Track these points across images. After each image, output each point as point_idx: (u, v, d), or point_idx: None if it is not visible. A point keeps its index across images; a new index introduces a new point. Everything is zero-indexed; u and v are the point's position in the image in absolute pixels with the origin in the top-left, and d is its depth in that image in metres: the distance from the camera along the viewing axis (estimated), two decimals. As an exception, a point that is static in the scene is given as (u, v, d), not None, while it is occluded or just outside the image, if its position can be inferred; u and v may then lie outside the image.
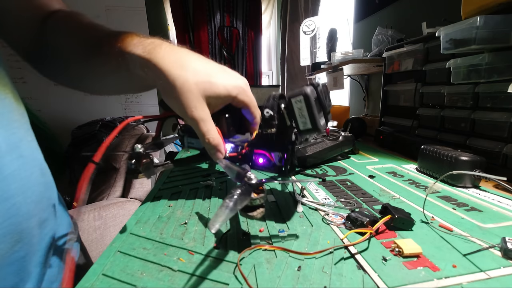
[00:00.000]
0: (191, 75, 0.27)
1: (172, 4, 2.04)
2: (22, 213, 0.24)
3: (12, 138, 0.24)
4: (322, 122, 0.30)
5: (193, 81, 0.27)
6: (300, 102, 0.30)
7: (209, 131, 0.28)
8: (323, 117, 0.31)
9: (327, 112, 0.32)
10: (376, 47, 1.04)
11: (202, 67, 0.29)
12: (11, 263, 0.23)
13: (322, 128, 0.30)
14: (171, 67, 0.27)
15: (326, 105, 0.31)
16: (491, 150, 0.49)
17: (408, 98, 0.76)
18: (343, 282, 0.22)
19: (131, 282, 0.22)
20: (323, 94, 0.30)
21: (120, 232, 0.31)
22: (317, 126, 0.29)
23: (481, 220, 0.31)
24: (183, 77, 0.27)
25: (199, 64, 0.29)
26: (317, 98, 0.30)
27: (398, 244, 0.25)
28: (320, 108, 0.31)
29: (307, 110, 0.29)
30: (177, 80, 0.27)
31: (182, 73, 0.27)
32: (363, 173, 0.50)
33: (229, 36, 2.20)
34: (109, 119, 1.80)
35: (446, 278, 0.22)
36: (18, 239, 0.23)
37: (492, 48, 0.47)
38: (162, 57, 0.27)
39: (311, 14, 1.80)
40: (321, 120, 0.30)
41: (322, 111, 0.31)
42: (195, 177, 0.48)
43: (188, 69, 0.28)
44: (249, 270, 0.23)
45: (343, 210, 0.35)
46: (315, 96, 0.30)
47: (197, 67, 0.28)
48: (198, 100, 0.28)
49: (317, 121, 0.29)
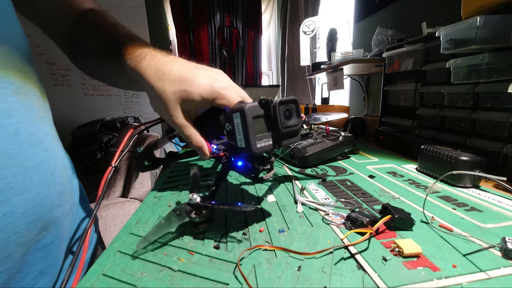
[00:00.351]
0: (168, 86, 0.30)
1: (172, 4, 2.04)
2: (45, 203, 0.26)
3: (38, 133, 0.26)
4: (260, 145, 0.27)
5: (170, 92, 0.30)
6: (238, 119, 0.28)
7: (191, 135, 0.31)
8: (266, 139, 0.28)
9: (283, 133, 0.28)
10: (376, 47, 1.04)
11: (178, 75, 0.31)
12: (38, 249, 0.25)
13: (256, 151, 0.27)
14: (152, 79, 0.30)
15: (280, 125, 0.28)
16: (491, 150, 0.49)
17: (408, 98, 0.76)
18: (343, 282, 0.22)
19: (131, 282, 0.22)
20: (279, 112, 0.28)
21: (120, 232, 0.31)
22: (250, 147, 0.27)
23: (481, 220, 0.31)
24: (162, 88, 0.30)
25: (175, 73, 0.31)
26: (264, 116, 0.28)
27: (398, 244, 0.25)
28: (266, 128, 0.28)
29: (242, 127, 0.27)
30: (157, 91, 0.30)
31: (159, 84, 0.30)
32: (363, 173, 0.50)
33: (229, 36, 2.20)
34: (109, 119, 1.80)
35: (446, 278, 0.22)
36: (43, 227, 0.25)
37: (492, 48, 0.47)
38: (144, 70, 0.31)
39: (311, 14, 1.80)
40: (260, 142, 0.27)
41: (270, 131, 0.28)
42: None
43: (165, 81, 0.30)
44: (249, 270, 0.23)
45: (343, 210, 0.35)
46: (259, 114, 0.27)
47: (174, 77, 0.31)
48: (176, 109, 0.31)
49: (250, 141, 0.27)
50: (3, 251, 0.22)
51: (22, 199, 0.23)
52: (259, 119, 0.28)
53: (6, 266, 0.22)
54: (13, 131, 0.23)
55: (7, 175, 0.22)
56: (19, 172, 0.23)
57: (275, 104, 0.27)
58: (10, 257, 0.23)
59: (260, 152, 0.28)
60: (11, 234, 0.22)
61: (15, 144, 0.23)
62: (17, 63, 0.26)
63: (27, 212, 0.24)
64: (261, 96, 0.28)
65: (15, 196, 0.23)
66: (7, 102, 0.23)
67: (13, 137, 0.23)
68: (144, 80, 0.31)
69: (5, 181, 0.22)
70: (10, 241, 0.22)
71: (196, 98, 0.30)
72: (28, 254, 0.24)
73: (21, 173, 0.23)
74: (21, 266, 0.24)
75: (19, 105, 0.25)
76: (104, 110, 2.06)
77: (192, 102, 0.31)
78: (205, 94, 0.31)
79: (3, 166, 0.22)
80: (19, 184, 0.23)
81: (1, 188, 0.22)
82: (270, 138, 0.29)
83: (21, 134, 0.24)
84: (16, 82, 0.25)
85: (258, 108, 0.28)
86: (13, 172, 0.23)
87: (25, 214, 0.23)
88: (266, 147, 0.28)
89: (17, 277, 0.24)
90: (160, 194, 0.41)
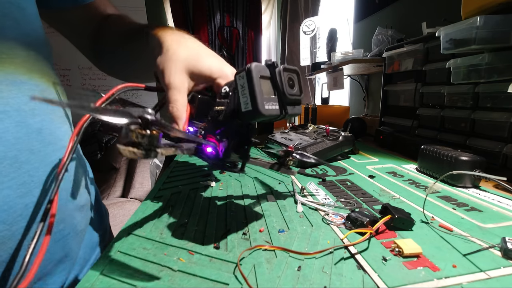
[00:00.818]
0: (183, 49, 0.31)
1: (172, 4, 2.04)
2: (62, 196, 0.27)
3: (58, 131, 0.29)
4: (268, 107, 0.26)
5: (183, 54, 0.30)
6: (243, 79, 0.26)
7: (176, 101, 0.29)
8: (273, 102, 0.26)
9: (288, 100, 0.27)
10: (376, 47, 1.04)
11: (196, 46, 0.32)
12: (58, 240, 0.27)
13: (264, 112, 0.25)
14: (170, 41, 0.32)
15: (285, 90, 0.26)
16: (491, 150, 0.49)
17: (408, 98, 0.76)
18: (343, 282, 0.22)
19: (131, 282, 0.22)
20: (283, 77, 0.26)
21: (120, 232, 0.31)
22: (257, 107, 0.25)
23: (481, 220, 0.31)
24: (175, 49, 0.31)
25: (193, 44, 0.33)
26: (271, 78, 0.26)
27: (398, 244, 0.25)
28: (273, 91, 0.27)
29: (248, 87, 0.25)
30: (169, 49, 0.31)
31: (175, 46, 0.31)
32: (363, 173, 0.50)
33: (229, 36, 2.20)
34: (109, 119, 1.80)
35: (446, 278, 0.22)
36: (60, 219, 0.27)
37: (492, 48, 0.47)
38: (165, 35, 0.33)
39: (311, 14, 1.80)
40: (267, 104, 0.26)
41: (276, 95, 0.27)
42: (195, 177, 0.48)
43: (182, 45, 0.31)
44: (249, 270, 0.23)
45: (343, 210, 0.35)
46: (266, 75, 0.26)
47: (191, 46, 0.32)
48: (180, 71, 0.30)
49: (258, 101, 0.25)
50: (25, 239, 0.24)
51: (42, 191, 0.25)
52: (266, 80, 0.26)
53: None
54: (37, 129, 0.25)
55: (30, 169, 0.24)
56: (40, 167, 0.25)
57: (280, 69, 0.27)
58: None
59: (268, 115, 0.26)
60: (32, 223, 0.24)
61: (38, 141, 0.25)
62: (42, 68, 0.28)
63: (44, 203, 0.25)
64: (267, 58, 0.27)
65: (35, 188, 0.25)
66: (32, 103, 0.25)
67: (37, 135, 0.25)
68: (160, 41, 0.32)
69: (28, 175, 0.24)
70: (31, 230, 0.24)
71: (205, 70, 0.31)
72: (51, 244, 0.26)
73: (42, 167, 0.25)
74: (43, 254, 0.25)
75: (43, 106, 0.27)
76: (104, 110, 2.06)
77: (199, 72, 0.31)
78: (214, 69, 0.31)
79: (27, 160, 0.24)
80: (40, 177, 0.25)
81: (24, 181, 0.24)
82: (277, 102, 0.27)
83: (43, 132, 0.26)
84: (41, 84, 0.27)
85: (264, 68, 0.26)
86: (35, 166, 0.25)
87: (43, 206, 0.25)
88: (273, 110, 0.26)
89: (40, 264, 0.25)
90: (160, 194, 0.41)
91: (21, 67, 0.25)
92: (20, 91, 0.24)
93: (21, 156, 0.24)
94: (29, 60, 0.26)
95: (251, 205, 0.37)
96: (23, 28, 0.26)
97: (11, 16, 0.24)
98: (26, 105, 0.25)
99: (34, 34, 0.28)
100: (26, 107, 0.25)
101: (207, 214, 0.35)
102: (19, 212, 0.23)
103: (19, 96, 0.24)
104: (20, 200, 0.23)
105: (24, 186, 0.24)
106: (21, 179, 0.23)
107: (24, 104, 0.24)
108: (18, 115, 0.24)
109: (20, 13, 0.25)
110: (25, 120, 0.24)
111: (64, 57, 0.65)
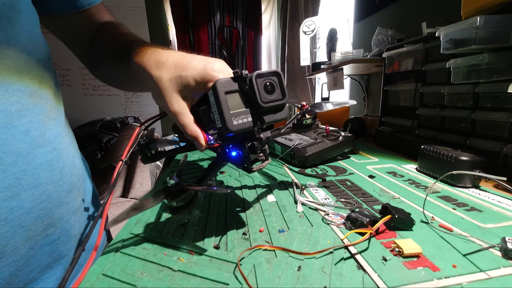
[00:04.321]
0: (165, 74, 0.30)
1: (172, 4, 2.04)
2: (52, 199, 0.27)
3: (48, 133, 0.28)
4: (237, 121, 0.25)
5: (166, 79, 0.30)
6: (212, 96, 0.25)
7: (186, 124, 0.30)
8: (244, 115, 0.25)
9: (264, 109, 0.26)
10: (376, 47, 1.04)
11: (173, 62, 0.31)
12: (46, 245, 0.26)
13: (232, 128, 0.25)
14: (151, 69, 0.31)
15: (259, 100, 0.25)
16: (491, 150, 0.49)
17: (408, 98, 0.76)
18: (343, 282, 0.22)
19: (131, 282, 0.22)
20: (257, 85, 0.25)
21: (120, 232, 0.31)
22: (226, 124, 0.24)
23: (481, 220, 0.31)
24: (159, 76, 0.30)
25: (171, 61, 0.32)
26: (239, 91, 0.26)
27: (398, 244, 0.25)
28: (243, 104, 0.26)
29: (216, 104, 0.25)
30: (155, 79, 0.30)
31: (157, 73, 0.30)
32: (363, 173, 0.50)
33: (229, 36, 2.20)
34: (109, 119, 1.80)
35: (446, 278, 0.22)
36: (49, 223, 0.27)
37: (492, 48, 0.47)
38: (145, 62, 0.32)
39: (311, 14, 1.80)
40: (237, 119, 0.25)
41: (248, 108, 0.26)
42: (195, 177, 0.48)
43: (162, 69, 0.31)
44: (249, 270, 0.23)
45: (343, 210, 0.35)
46: (233, 89, 0.25)
47: (169, 64, 0.31)
48: (173, 96, 0.30)
49: (225, 118, 0.24)
50: (9, 244, 0.23)
51: (30, 195, 0.25)
52: (234, 94, 0.26)
53: (13, 258, 0.23)
54: (24, 131, 0.25)
55: (17, 172, 0.24)
56: (28, 169, 0.25)
57: (251, 77, 0.25)
58: (17, 250, 0.24)
59: (238, 130, 0.25)
60: (17, 228, 0.24)
61: (25, 142, 0.25)
62: (34, 69, 0.28)
63: (34, 207, 0.25)
64: (236, 69, 0.26)
65: (23, 191, 0.24)
66: (20, 104, 0.25)
67: (24, 136, 0.25)
68: (145, 71, 0.31)
69: (14, 177, 0.24)
70: (16, 235, 0.24)
71: (190, 82, 0.30)
72: (35, 248, 0.25)
73: (30, 170, 0.25)
74: (29, 259, 0.25)
75: (32, 107, 0.26)
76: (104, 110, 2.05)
77: (188, 87, 0.30)
78: (199, 77, 0.30)
79: (13, 162, 0.23)
80: (28, 180, 0.25)
81: (10, 184, 0.23)
82: (249, 114, 0.26)
83: (31, 134, 0.26)
84: (31, 85, 0.27)
85: (230, 82, 0.25)
86: (22, 169, 0.24)
87: (32, 209, 0.25)
88: (244, 124, 0.25)
89: (25, 269, 0.25)
90: (160, 194, 0.41)
91: (10, 68, 0.24)
92: (7, 92, 0.24)
93: (7, 158, 0.23)
94: (20, 61, 0.26)
95: (251, 205, 0.37)
96: (16, 30, 0.25)
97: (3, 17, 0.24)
98: (13, 106, 0.24)
99: (28, 35, 0.27)
100: (13, 107, 0.24)
101: (207, 214, 0.35)
102: (3, 216, 0.22)
103: (6, 97, 0.24)
104: (4, 203, 0.23)
105: (9, 189, 0.23)
106: (7, 181, 0.23)
107: (11, 105, 0.24)
108: (4, 115, 0.23)
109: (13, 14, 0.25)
110: (12, 121, 0.24)
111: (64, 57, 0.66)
